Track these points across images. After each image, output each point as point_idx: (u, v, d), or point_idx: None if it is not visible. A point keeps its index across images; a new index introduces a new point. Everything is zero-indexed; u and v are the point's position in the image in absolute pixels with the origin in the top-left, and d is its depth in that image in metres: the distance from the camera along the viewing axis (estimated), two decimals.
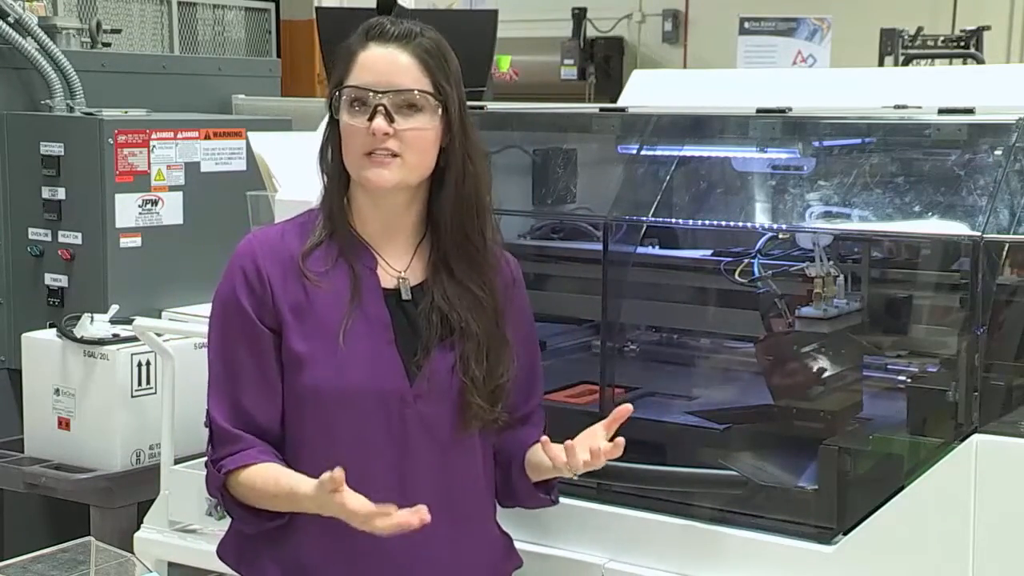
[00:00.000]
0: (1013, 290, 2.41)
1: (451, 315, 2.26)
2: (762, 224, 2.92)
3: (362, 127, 2.21)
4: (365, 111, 2.21)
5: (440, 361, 2.26)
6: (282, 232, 2.32)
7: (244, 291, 2.23)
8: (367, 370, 2.22)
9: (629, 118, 2.99)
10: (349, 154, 2.24)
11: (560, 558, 2.64)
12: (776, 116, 2.72)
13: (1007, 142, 2.43)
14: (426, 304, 2.27)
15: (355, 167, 2.24)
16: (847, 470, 2.51)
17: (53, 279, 4.37)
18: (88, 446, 3.89)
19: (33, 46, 4.62)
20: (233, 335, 2.25)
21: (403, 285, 2.29)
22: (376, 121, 2.19)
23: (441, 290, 2.28)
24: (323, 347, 2.21)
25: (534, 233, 3.37)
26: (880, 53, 9.01)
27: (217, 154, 4.53)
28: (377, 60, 2.23)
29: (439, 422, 2.27)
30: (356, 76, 2.23)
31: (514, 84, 10.70)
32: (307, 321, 2.22)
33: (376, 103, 2.20)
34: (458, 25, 6.93)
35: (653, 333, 3.18)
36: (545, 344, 3.23)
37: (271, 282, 2.23)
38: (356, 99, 2.22)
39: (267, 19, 6.73)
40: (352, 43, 2.27)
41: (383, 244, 2.30)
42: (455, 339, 2.27)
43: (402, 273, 2.29)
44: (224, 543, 2.41)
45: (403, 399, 2.24)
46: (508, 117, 3.26)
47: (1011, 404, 2.35)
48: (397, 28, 2.25)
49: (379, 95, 2.20)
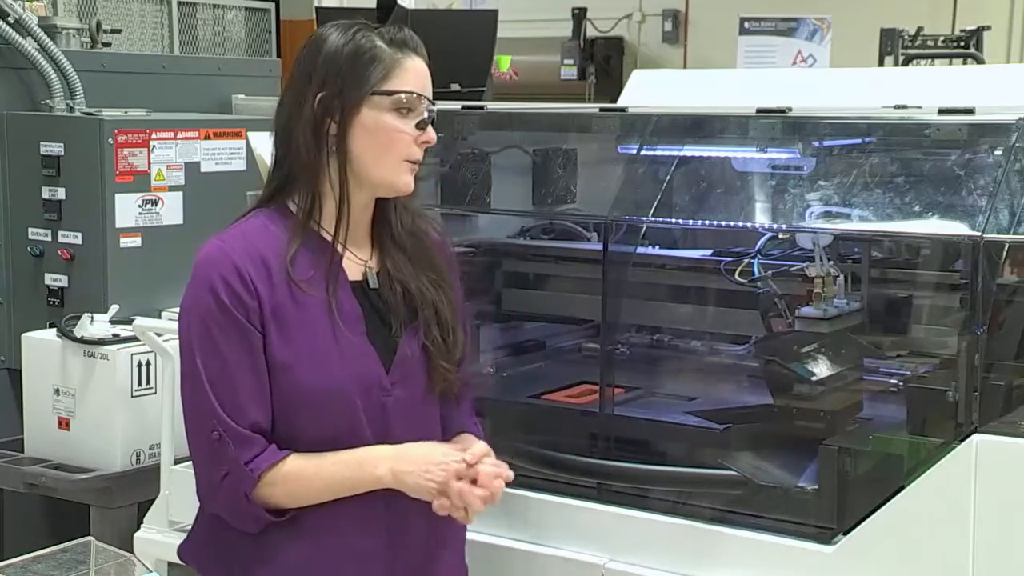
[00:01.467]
0: (1013, 290, 2.41)
1: (412, 289, 2.32)
2: (762, 224, 2.92)
3: (412, 134, 2.26)
4: (412, 118, 2.26)
5: (410, 345, 2.31)
6: (245, 233, 2.28)
7: (227, 294, 2.21)
8: (348, 365, 2.25)
9: (629, 118, 2.99)
10: (387, 158, 2.26)
11: (560, 558, 2.64)
12: (776, 116, 2.72)
13: (1007, 142, 2.44)
14: (392, 288, 2.32)
15: (391, 172, 2.27)
16: (847, 470, 2.51)
17: (53, 279, 4.37)
18: (88, 446, 3.89)
19: (33, 46, 4.62)
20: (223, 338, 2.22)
21: (369, 273, 2.33)
22: (431, 131, 2.28)
23: (400, 274, 2.33)
24: (306, 347, 2.23)
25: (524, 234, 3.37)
26: (880, 53, 9.01)
27: (217, 154, 4.53)
28: (422, 71, 2.29)
29: (414, 404, 2.32)
30: (407, 82, 2.26)
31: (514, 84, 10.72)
32: (288, 323, 2.23)
33: (431, 114, 2.27)
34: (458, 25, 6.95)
35: (653, 333, 3.17)
36: (545, 344, 3.24)
37: (254, 284, 2.22)
38: (406, 106, 2.26)
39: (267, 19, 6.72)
40: (378, 49, 2.25)
41: (350, 241, 2.32)
42: (419, 321, 2.32)
43: (368, 262, 2.33)
44: (188, 544, 2.42)
45: (382, 387, 2.28)
46: (508, 117, 3.26)
47: (1011, 404, 2.35)
48: (416, 40, 2.31)
49: (433, 105, 2.28)
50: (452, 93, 5.19)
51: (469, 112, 3.14)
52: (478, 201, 3.16)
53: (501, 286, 3.30)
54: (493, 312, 3.24)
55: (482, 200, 3.17)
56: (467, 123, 3.14)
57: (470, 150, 3.17)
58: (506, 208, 3.23)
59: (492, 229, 3.35)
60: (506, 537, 2.64)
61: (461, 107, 3.14)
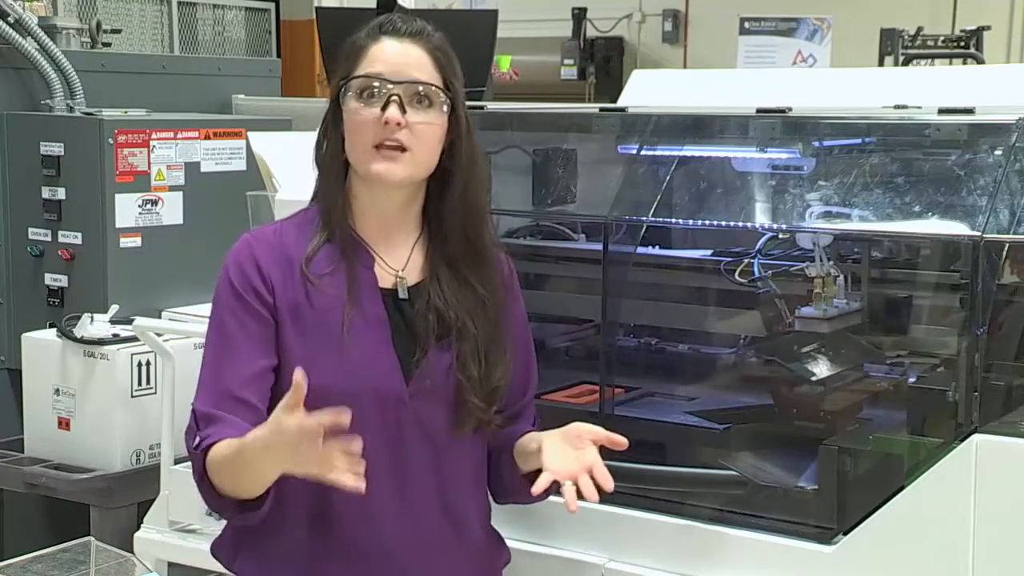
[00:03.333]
0: (1013, 290, 2.42)
1: (448, 314, 2.24)
2: (762, 224, 2.92)
3: (372, 117, 2.18)
4: (376, 101, 2.19)
5: (437, 361, 2.24)
6: (278, 231, 2.29)
7: (238, 277, 2.21)
8: (364, 370, 2.20)
9: (629, 118, 2.99)
10: (356, 146, 2.21)
11: (560, 558, 2.64)
12: (776, 116, 2.71)
13: (1007, 142, 2.43)
14: (423, 303, 2.25)
15: (363, 160, 2.21)
16: (847, 470, 2.51)
17: (53, 279, 4.37)
18: (88, 446, 3.89)
19: (33, 46, 4.62)
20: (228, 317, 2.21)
21: (400, 284, 2.27)
22: (390, 110, 2.17)
23: (438, 289, 2.26)
24: (321, 347, 2.19)
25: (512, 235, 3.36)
26: (880, 53, 9.01)
27: (217, 154, 4.53)
28: (391, 52, 2.22)
29: (434, 421, 2.25)
30: (368, 66, 2.21)
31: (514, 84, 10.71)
32: (305, 321, 2.21)
33: (390, 93, 2.18)
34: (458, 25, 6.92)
35: (653, 333, 3.17)
36: (545, 344, 3.24)
37: (271, 279, 2.21)
38: (367, 89, 2.20)
39: (267, 19, 6.73)
40: (360, 37, 2.25)
41: (380, 243, 2.28)
42: (452, 339, 2.25)
43: (399, 272, 2.28)
44: (220, 540, 2.39)
45: (399, 398, 2.22)
46: (508, 117, 3.26)
47: (1011, 404, 2.35)
48: (410, 25, 2.25)
49: (393, 85, 2.19)
50: None
51: (469, 112, 3.13)
52: None
53: None
54: None
55: None
56: None
57: None
58: (506, 208, 3.22)
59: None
60: (506, 537, 2.64)
61: None
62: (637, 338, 3.15)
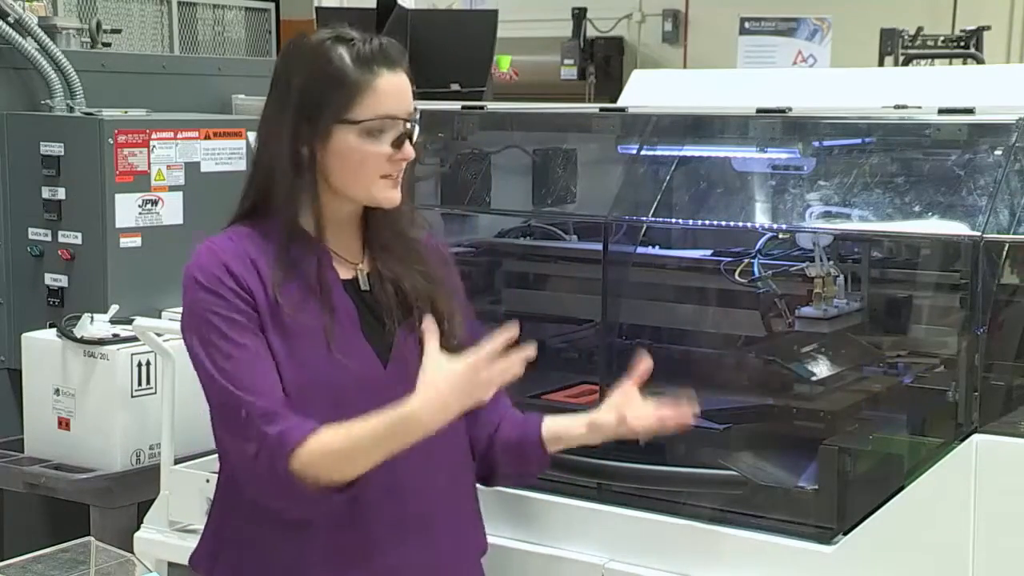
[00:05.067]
0: (1013, 290, 2.42)
1: (409, 293, 2.32)
2: (762, 224, 2.92)
3: (384, 153, 2.24)
4: (386, 138, 2.24)
5: (405, 342, 2.30)
6: (232, 238, 2.30)
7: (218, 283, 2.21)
8: (345, 361, 2.24)
9: (629, 118, 2.99)
10: (360, 177, 2.26)
11: (560, 558, 2.64)
12: (776, 116, 2.72)
13: (1007, 142, 2.44)
14: (383, 288, 2.32)
15: (366, 188, 2.26)
16: (847, 470, 2.51)
17: (53, 279, 4.37)
18: (88, 446, 3.89)
19: (33, 46, 4.62)
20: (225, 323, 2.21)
21: (360, 275, 2.33)
22: (408, 149, 2.26)
23: (391, 273, 2.33)
24: (300, 345, 2.22)
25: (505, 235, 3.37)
26: (880, 53, 9.01)
27: (217, 154, 4.53)
28: (395, 88, 2.26)
29: None
30: (376, 105, 2.23)
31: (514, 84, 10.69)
32: (281, 321, 2.23)
33: (405, 132, 2.25)
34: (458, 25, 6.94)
35: (653, 333, 3.17)
36: (545, 344, 3.24)
37: (245, 279, 2.23)
38: (377, 128, 2.24)
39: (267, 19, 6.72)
40: (351, 70, 2.24)
41: (333, 241, 2.32)
42: (414, 320, 2.30)
43: (359, 265, 2.34)
44: (197, 553, 2.41)
45: (380, 384, 2.25)
46: (508, 117, 3.26)
47: (1011, 404, 2.35)
48: (394, 50, 2.28)
49: (406, 121, 2.25)
50: (452, 93, 5.20)
51: (469, 112, 3.14)
52: (478, 201, 3.16)
53: (501, 286, 3.31)
54: (492, 312, 3.24)
55: (482, 200, 3.17)
56: (467, 123, 3.14)
57: (470, 150, 3.17)
58: (506, 208, 3.23)
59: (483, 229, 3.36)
60: (506, 537, 2.64)
61: (461, 107, 3.14)
62: (637, 338, 3.15)
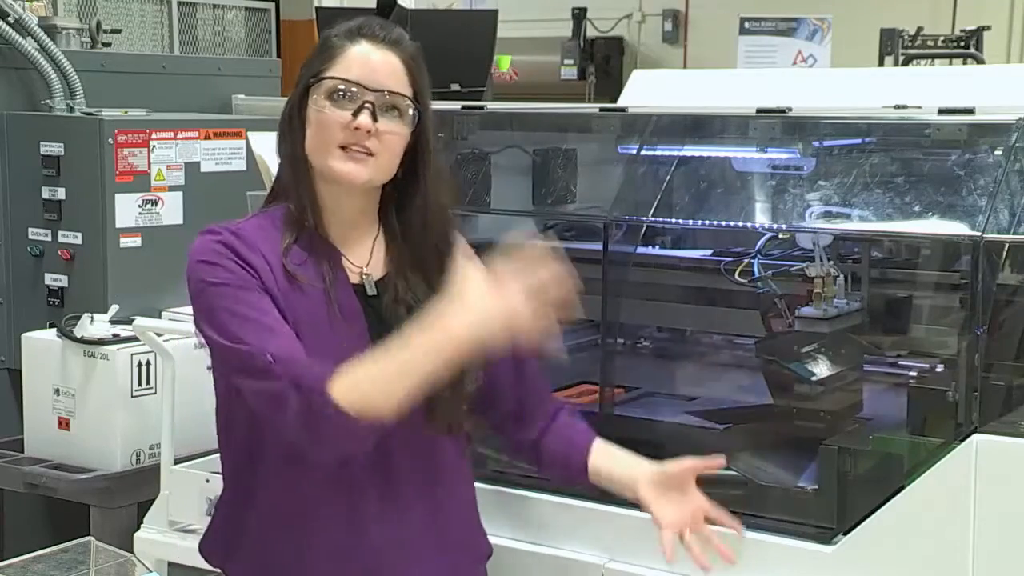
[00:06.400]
0: (1013, 290, 2.42)
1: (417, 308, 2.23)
2: (762, 224, 2.92)
3: (342, 119, 2.19)
4: (348, 105, 2.20)
5: None
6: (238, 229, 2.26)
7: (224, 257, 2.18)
8: (348, 360, 2.17)
9: (629, 118, 2.99)
10: (321, 143, 2.21)
11: (560, 558, 2.64)
12: (776, 116, 2.72)
13: (1007, 142, 2.44)
14: (391, 296, 2.27)
15: (324, 157, 2.21)
16: (847, 470, 2.51)
17: (53, 279, 4.37)
18: (88, 446, 3.89)
19: (33, 46, 4.62)
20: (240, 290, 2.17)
21: (367, 280, 2.28)
22: (362, 118, 2.18)
23: (405, 284, 2.28)
24: (305, 337, 2.19)
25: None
26: (880, 53, 9.01)
27: (217, 154, 4.53)
28: (369, 58, 2.22)
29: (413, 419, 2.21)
30: (345, 69, 2.21)
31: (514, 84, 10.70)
32: (286, 311, 2.20)
33: (365, 99, 2.20)
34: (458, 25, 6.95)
35: (653, 333, 3.17)
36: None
37: (249, 259, 2.20)
38: (341, 91, 2.20)
39: (267, 19, 6.73)
40: (335, 36, 2.25)
41: (341, 242, 2.29)
42: None
43: (364, 269, 2.29)
44: (208, 539, 2.38)
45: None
46: (508, 117, 3.26)
47: (1011, 404, 2.35)
48: (389, 32, 2.26)
49: (369, 92, 2.20)
50: (452, 93, 5.20)
51: (469, 112, 3.14)
52: (478, 201, 3.16)
53: None
54: None
55: (482, 200, 3.17)
56: (467, 123, 3.14)
57: (470, 150, 3.17)
58: (506, 208, 3.22)
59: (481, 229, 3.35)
60: (506, 537, 2.64)
61: (461, 107, 3.14)
62: (637, 338, 3.16)
